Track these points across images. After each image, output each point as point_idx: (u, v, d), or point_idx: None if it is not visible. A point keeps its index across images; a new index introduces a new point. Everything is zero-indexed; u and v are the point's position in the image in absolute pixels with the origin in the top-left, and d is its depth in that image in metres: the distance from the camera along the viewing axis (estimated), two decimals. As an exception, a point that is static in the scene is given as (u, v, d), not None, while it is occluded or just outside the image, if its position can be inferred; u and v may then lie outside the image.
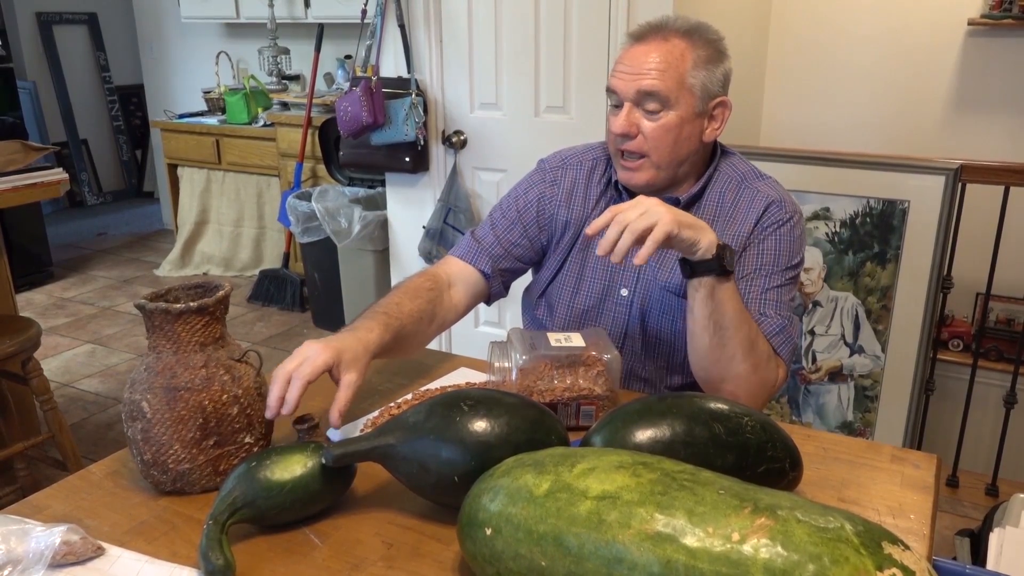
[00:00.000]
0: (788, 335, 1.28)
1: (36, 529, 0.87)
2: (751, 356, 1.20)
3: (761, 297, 1.29)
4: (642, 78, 1.27)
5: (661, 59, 1.26)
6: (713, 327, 1.18)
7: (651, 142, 1.29)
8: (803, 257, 1.36)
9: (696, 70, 1.28)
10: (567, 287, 1.44)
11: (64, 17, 5.98)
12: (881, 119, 3.05)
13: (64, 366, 3.55)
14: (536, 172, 1.49)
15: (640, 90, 1.27)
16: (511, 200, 1.47)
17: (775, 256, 1.31)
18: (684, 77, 1.27)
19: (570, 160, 1.47)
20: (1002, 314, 2.79)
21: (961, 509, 2.49)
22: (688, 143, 1.31)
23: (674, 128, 1.28)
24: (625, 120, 1.29)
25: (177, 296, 1.05)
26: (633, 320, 1.39)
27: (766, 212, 1.33)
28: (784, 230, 1.32)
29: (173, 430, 0.97)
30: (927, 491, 1.02)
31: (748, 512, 0.68)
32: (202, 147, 4.70)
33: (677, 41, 1.28)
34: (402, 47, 2.77)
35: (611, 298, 1.41)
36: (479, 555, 0.79)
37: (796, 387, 2.54)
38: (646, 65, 1.27)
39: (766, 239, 1.32)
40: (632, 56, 1.29)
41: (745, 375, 1.21)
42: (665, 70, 1.26)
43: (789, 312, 1.31)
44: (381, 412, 1.21)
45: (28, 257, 4.54)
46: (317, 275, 3.85)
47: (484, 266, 1.42)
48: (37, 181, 2.37)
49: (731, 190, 1.36)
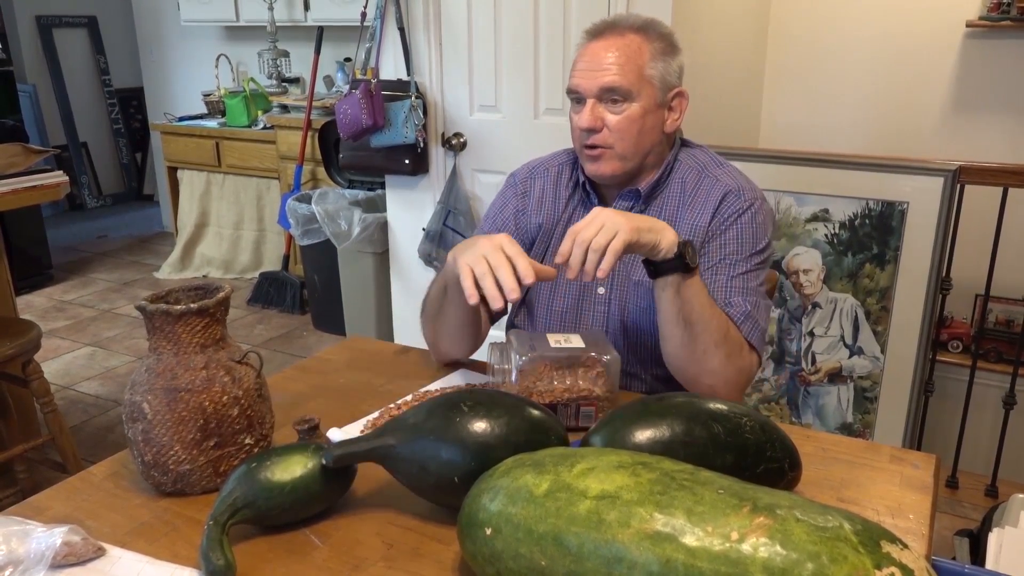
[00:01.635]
0: (755, 320, 1.30)
1: (37, 530, 0.88)
2: (723, 347, 1.22)
3: (727, 286, 1.31)
4: (603, 74, 1.30)
5: (620, 54, 1.30)
6: (683, 323, 1.21)
7: (616, 134, 1.33)
8: (769, 241, 1.37)
9: (654, 62, 1.32)
10: (544, 289, 1.46)
11: (64, 20, 5.99)
12: (880, 121, 3.06)
13: (64, 368, 3.55)
14: (508, 188, 1.53)
15: (603, 86, 1.31)
16: (490, 223, 1.51)
17: (738, 245, 1.33)
18: (643, 69, 1.31)
19: (537, 169, 1.51)
20: (1001, 315, 2.79)
21: (960, 510, 2.49)
22: (651, 134, 1.35)
23: (638, 119, 1.32)
24: (590, 114, 1.32)
25: (178, 298, 1.06)
26: (612, 317, 1.41)
27: (723, 202, 1.35)
28: (745, 219, 1.34)
29: (174, 431, 0.98)
30: (926, 491, 1.02)
31: (747, 511, 0.69)
32: (202, 150, 4.70)
33: (632, 36, 1.32)
34: (402, 50, 2.78)
35: (589, 297, 1.43)
36: (479, 555, 0.79)
37: (795, 388, 2.55)
38: (606, 61, 1.30)
39: (727, 229, 1.34)
40: (591, 54, 1.33)
41: (720, 367, 1.23)
42: (624, 64, 1.30)
43: (756, 297, 1.32)
44: (381, 413, 1.21)
45: (28, 260, 4.54)
46: (317, 277, 3.85)
47: None
48: (37, 184, 2.37)
49: (691, 179, 1.39)
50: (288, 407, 1.24)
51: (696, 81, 2.63)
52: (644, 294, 1.38)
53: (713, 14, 2.72)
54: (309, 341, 3.86)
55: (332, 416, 1.21)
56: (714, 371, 1.23)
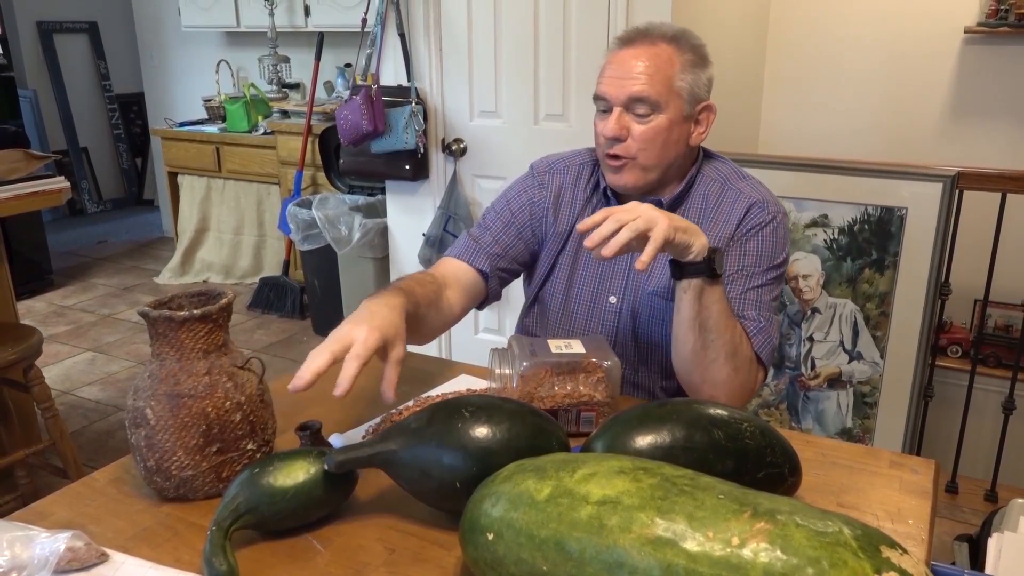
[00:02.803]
0: (768, 336, 1.29)
1: (40, 536, 0.88)
2: (733, 360, 1.22)
3: (742, 297, 1.30)
4: (632, 83, 1.28)
5: (649, 63, 1.28)
6: (698, 329, 1.20)
7: (640, 144, 1.31)
8: (787, 256, 1.37)
9: (683, 74, 1.30)
10: (556, 295, 1.45)
11: (65, 26, 6.00)
12: (879, 127, 3.07)
13: (64, 374, 3.55)
14: (527, 176, 1.50)
15: (631, 95, 1.28)
16: (504, 203, 1.48)
17: (757, 257, 1.33)
18: (672, 81, 1.29)
19: (557, 165, 1.48)
20: (1000, 320, 2.79)
21: (960, 515, 2.50)
22: (676, 146, 1.33)
23: (663, 131, 1.30)
24: (616, 123, 1.30)
25: (180, 304, 1.06)
26: (623, 327, 1.40)
27: (748, 213, 1.34)
28: (767, 231, 1.33)
29: (176, 437, 0.98)
30: (925, 496, 1.02)
31: (748, 516, 0.69)
32: (202, 155, 4.71)
33: (664, 46, 1.30)
34: (402, 55, 2.79)
35: (600, 306, 1.42)
36: (481, 560, 0.80)
37: (795, 394, 2.55)
38: (635, 70, 1.28)
39: (748, 240, 1.33)
40: (620, 61, 1.30)
41: (727, 379, 1.23)
42: (654, 74, 1.28)
43: (770, 313, 1.32)
44: (383, 419, 1.22)
45: (29, 265, 4.54)
46: (317, 282, 3.85)
47: (483, 265, 1.41)
48: (39, 189, 2.38)
49: (714, 192, 1.38)
50: (290, 413, 1.24)
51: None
52: (657, 304, 1.37)
53: (713, 20, 2.73)
54: (309, 346, 3.83)
55: (334, 421, 1.21)
56: (718, 382, 1.23)
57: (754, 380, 1.27)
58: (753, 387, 1.28)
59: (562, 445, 0.95)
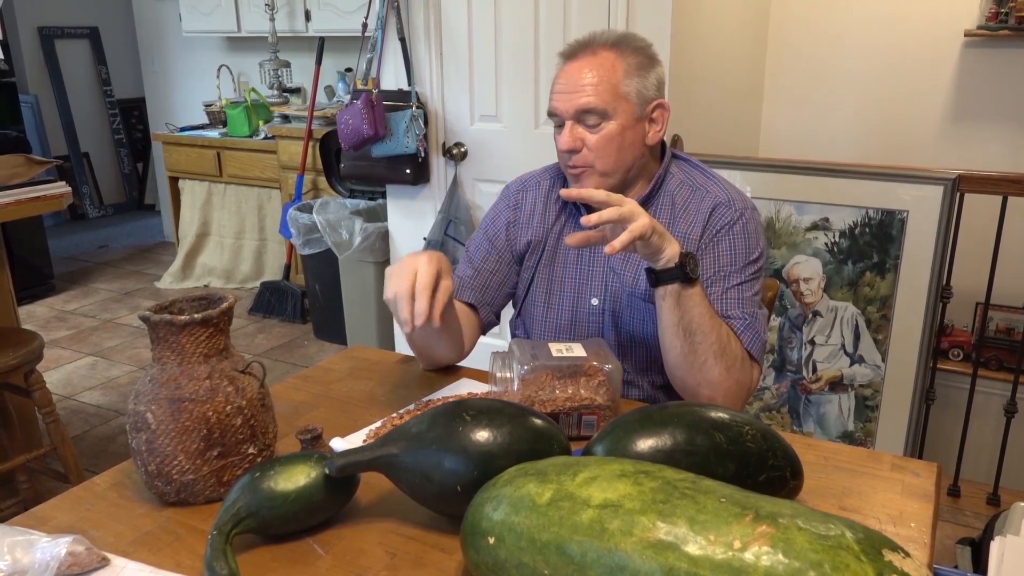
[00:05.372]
0: (755, 331, 1.31)
1: (41, 540, 0.88)
2: (723, 359, 1.24)
3: (723, 297, 1.32)
4: (578, 96, 1.31)
5: (593, 73, 1.31)
6: (683, 333, 1.22)
7: (595, 152, 1.33)
8: (763, 250, 1.38)
9: (628, 78, 1.32)
10: (538, 303, 1.47)
11: (66, 31, 6.01)
12: (879, 130, 3.07)
13: (65, 378, 3.55)
14: (501, 200, 1.54)
15: (579, 108, 1.31)
16: (482, 232, 1.52)
17: (731, 256, 1.34)
18: (618, 87, 1.31)
19: (529, 182, 1.52)
20: (1002, 323, 2.79)
21: (963, 518, 2.49)
22: (633, 148, 1.35)
23: (616, 136, 1.32)
24: (569, 136, 1.33)
25: (181, 308, 1.06)
26: (607, 328, 1.42)
27: (713, 214, 1.36)
28: (736, 229, 1.35)
29: (177, 441, 0.98)
30: (928, 499, 1.02)
31: (749, 520, 0.69)
32: (203, 160, 4.72)
33: (606, 54, 1.32)
34: (402, 60, 2.79)
35: (583, 309, 1.44)
36: (482, 564, 0.79)
37: (797, 397, 2.55)
38: (580, 82, 1.31)
39: (720, 241, 1.35)
40: (566, 75, 1.33)
41: (720, 379, 1.24)
42: (598, 84, 1.30)
43: (754, 308, 1.33)
44: (384, 422, 1.22)
45: (30, 270, 4.55)
46: (318, 287, 3.85)
47: (469, 298, 1.46)
48: (41, 195, 2.38)
49: (681, 192, 1.40)
50: (290, 417, 1.25)
51: (696, 91, 2.65)
52: (638, 304, 1.40)
53: (713, 25, 2.73)
54: (310, 350, 3.86)
55: (334, 426, 1.21)
56: (713, 382, 1.24)
57: (749, 377, 1.28)
58: (749, 384, 1.29)
59: (563, 449, 0.95)
